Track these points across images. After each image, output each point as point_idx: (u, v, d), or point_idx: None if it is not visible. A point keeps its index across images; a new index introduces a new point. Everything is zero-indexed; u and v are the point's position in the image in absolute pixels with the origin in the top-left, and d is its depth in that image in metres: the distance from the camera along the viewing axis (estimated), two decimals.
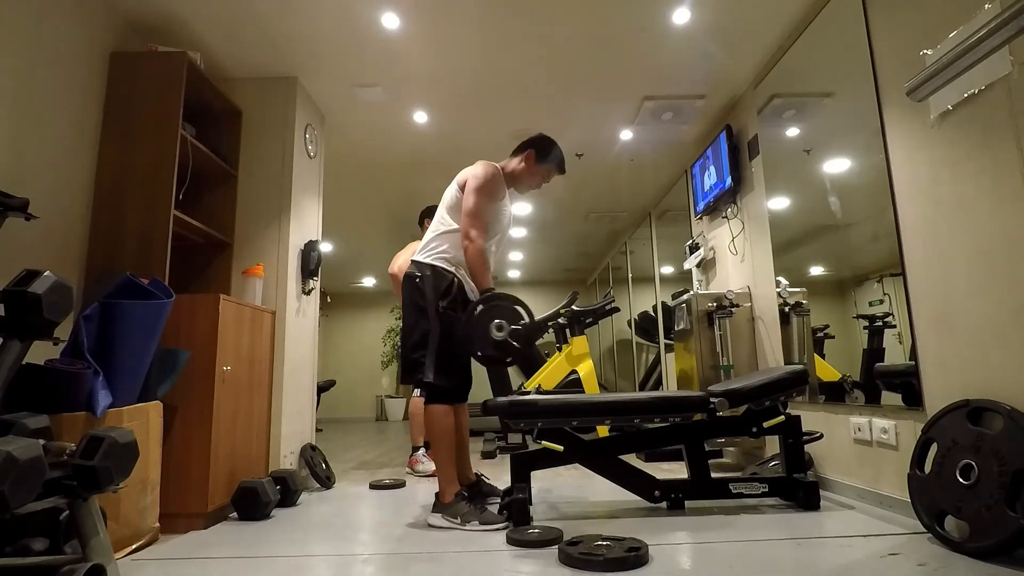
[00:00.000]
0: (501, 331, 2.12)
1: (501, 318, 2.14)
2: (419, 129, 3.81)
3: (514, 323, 2.14)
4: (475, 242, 2.23)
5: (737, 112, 3.46)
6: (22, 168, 2.02)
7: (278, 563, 1.73)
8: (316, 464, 2.97)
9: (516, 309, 2.16)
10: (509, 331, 2.12)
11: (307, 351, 3.18)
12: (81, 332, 1.78)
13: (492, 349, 2.13)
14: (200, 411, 2.21)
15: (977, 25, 1.45)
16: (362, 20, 2.68)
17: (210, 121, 2.92)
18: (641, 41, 2.90)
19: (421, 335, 2.23)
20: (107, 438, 1.39)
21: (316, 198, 3.42)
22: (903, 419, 2.07)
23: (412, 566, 1.66)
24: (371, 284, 9.43)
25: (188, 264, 2.83)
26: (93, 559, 1.37)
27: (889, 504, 2.12)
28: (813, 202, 2.67)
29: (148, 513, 1.94)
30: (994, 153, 1.67)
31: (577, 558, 1.60)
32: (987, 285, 1.71)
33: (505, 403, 2.25)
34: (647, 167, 4.59)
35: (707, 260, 3.92)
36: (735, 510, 2.24)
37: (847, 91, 2.39)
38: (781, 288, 2.94)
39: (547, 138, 2.48)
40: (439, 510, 2.16)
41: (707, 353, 3.31)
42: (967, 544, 1.59)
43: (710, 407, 2.28)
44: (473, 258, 2.24)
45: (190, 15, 2.62)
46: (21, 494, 1.20)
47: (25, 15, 2.04)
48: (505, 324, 2.13)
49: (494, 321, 2.13)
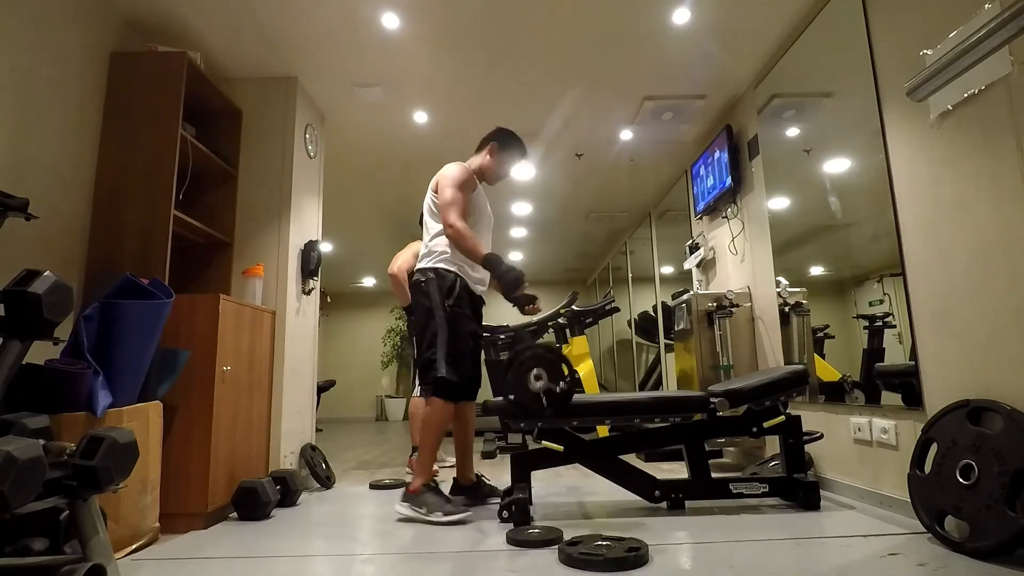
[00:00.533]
0: (539, 380, 2.08)
1: (542, 367, 2.10)
2: (419, 129, 3.81)
3: (553, 380, 2.10)
4: (454, 225, 2.30)
5: (737, 112, 3.46)
6: (22, 168, 2.02)
7: (278, 563, 1.73)
8: (316, 464, 2.97)
9: (560, 366, 2.13)
10: (545, 388, 2.08)
11: (307, 351, 3.18)
12: (81, 332, 1.78)
13: (526, 398, 2.09)
14: (200, 411, 2.21)
15: (977, 25, 1.45)
16: (362, 20, 2.68)
17: (210, 121, 2.92)
18: (641, 41, 2.90)
19: (432, 335, 2.30)
20: (107, 438, 1.39)
21: (316, 198, 3.42)
22: (903, 419, 2.07)
23: (412, 566, 1.66)
24: (371, 284, 9.43)
25: (188, 264, 2.83)
26: (93, 559, 1.37)
27: (889, 504, 2.12)
28: (813, 202, 2.67)
29: (148, 513, 1.94)
30: (994, 153, 1.67)
31: (577, 558, 1.60)
32: (987, 285, 1.71)
33: (505, 403, 2.25)
34: (647, 167, 4.59)
35: (707, 260, 3.92)
36: (735, 510, 2.24)
37: (847, 91, 2.39)
38: (781, 288, 2.94)
39: (505, 129, 2.66)
40: (406, 500, 2.21)
41: (707, 353, 3.31)
42: (967, 544, 1.59)
43: (710, 407, 2.28)
44: (458, 238, 2.30)
45: (190, 15, 2.62)
46: (21, 494, 1.20)
47: (25, 15, 2.04)
48: (544, 376, 2.09)
49: (533, 370, 2.10)
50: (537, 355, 2.12)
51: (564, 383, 2.10)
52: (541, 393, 2.07)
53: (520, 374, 2.09)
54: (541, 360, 2.11)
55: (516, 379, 2.09)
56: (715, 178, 3.64)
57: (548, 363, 2.11)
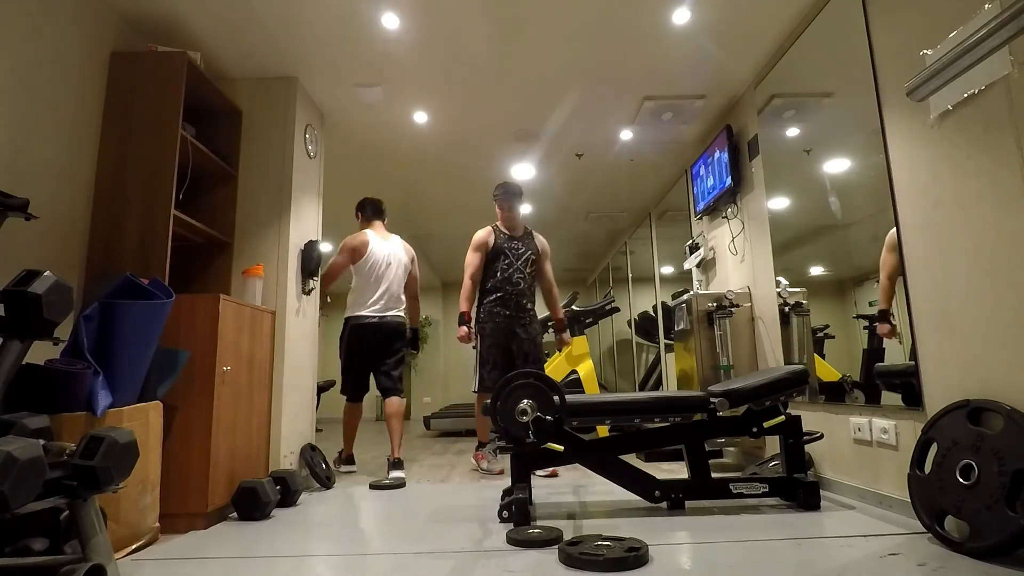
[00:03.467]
0: (525, 416, 2.05)
1: (532, 398, 2.08)
2: (419, 129, 3.81)
3: (543, 410, 2.08)
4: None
5: (737, 112, 3.46)
6: (22, 168, 2.02)
7: (278, 563, 1.73)
8: (316, 464, 2.97)
9: (551, 397, 2.11)
10: (533, 419, 2.06)
11: (307, 351, 3.18)
12: (81, 332, 1.78)
13: (513, 427, 2.07)
14: (200, 411, 2.21)
15: (977, 25, 1.45)
16: (362, 20, 2.68)
17: (210, 121, 2.92)
18: (641, 41, 2.90)
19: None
20: (107, 438, 1.39)
21: (316, 198, 3.42)
22: (903, 419, 2.07)
23: (412, 566, 1.66)
24: None
25: (188, 264, 2.84)
26: (93, 559, 1.37)
27: (889, 504, 2.12)
28: (813, 202, 2.67)
29: (148, 513, 1.94)
30: (994, 153, 1.67)
31: (577, 558, 1.60)
32: (987, 285, 1.71)
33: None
34: (647, 167, 4.59)
35: (707, 260, 3.92)
36: (735, 510, 2.24)
37: (847, 91, 2.39)
38: (781, 288, 2.94)
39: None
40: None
41: (707, 353, 3.31)
42: (967, 544, 1.59)
43: (710, 407, 2.28)
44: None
45: (190, 15, 2.62)
46: (21, 494, 1.20)
47: (25, 15, 2.04)
48: (529, 410, 2.06)
49: (523, 401, 2.07)
50: (527, 384, 2.11)
51: (554, 414, 2.08)
52: (529, 423, 2.06)
53: (509, 404, 2.08)
54: (531, 390, 2.10)
55: (504, 408, 2.09)
56: (715, 178, 3.64)
57: (538, 393, 2.10)
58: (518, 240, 3.48)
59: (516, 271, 3.41)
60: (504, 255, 3.42)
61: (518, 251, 3.45)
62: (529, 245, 3.50)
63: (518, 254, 3.44)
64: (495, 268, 3.41)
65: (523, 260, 3.44)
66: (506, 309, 3.37)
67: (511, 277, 3.39)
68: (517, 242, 3.47)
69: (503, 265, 3.41)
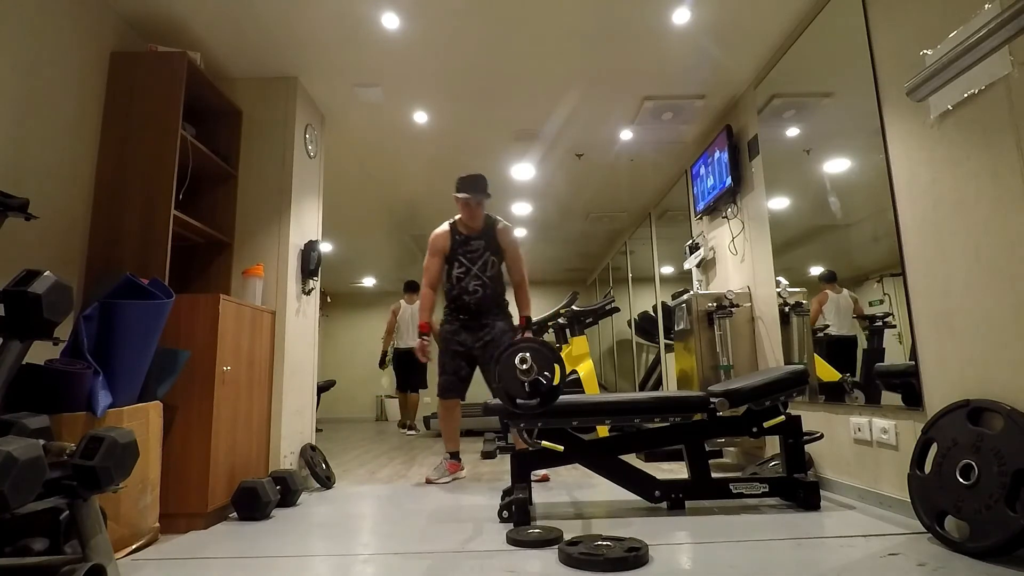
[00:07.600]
0: (525, 365, 2.05)
1: (531, 355, 2.08)
2: (419, 129, 3.81)
3: (541, 370, 2.07)
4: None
5: (737, 112, 3.46)
6: (22, 168, 2.02)
7: (278, 563, 1.73)
8: (316, 464, 2.97)
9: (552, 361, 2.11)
10: (532, 379, 2.06)
11: (307, 351, 3.18)
12: (81, 332, 1.78)
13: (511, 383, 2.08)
14: (200, 411, 2.21)
15: (977, 25, 1.45)
16: (362, 20, 2.68)
17: (210, 121, 2.92)
18: (641, 41, 2.90)
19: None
20: (107, 438, 1.39)
21: (316, 198, 3.42)
22: (903, 419, 2.07)
23: (411, 566, 1.66)
24: (371, 284, 9.43)
25: (188, 264, 2.83)
26: (93, 559, 1.37)
27: (889, 504, 2.12)
28: (813, 202, 2.67)
29: (148, 513, 1.94)
30: (994, 153, 1.67)
31: (577, 558, 1.60)
32: (987, 285, 1.71)
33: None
34: (647, 167, 4.59)
35: (707, 260, 3.92)
36: (735, 510, 2.24)
37: (847, 91, 2.39)
38: (781, 288, 2.94)
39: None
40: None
41: (707, 353, 3.31)
42: (967, 544, 1.59)
43: (710, 407, 2.28)
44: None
45: (190, 15, 2.62)
46: (21, 494, 1.20)
47: (25, 15, 2.04)
48: (532, 364, 2.06)
49: (521, 355, 2.07)
50: (529, 342, 2.12)
51: (550, 378, 2.09)
52: (526, 382, 2.07)
53: (509, 357, 2.09)
54: (531, 348, 2.10)
55: (505, 363, 2.09)
56: (715, 178, 3.64)
57: (538, 353, 2.10)
58: (476, 239, 3.13)
59: (473, 278, 3.10)
60: (458, 262, 3.11)
61: (474, 254, 3.12)
62: (489, 243, 3.14)
63: (474, 257, 3.11)
64: (451, 275, 3.14)
65: (481, 263, 3.11)
66: (467, 318, 3.12)
67: (467, 286, 3.09)
68: (475, 241, 3.13)
69: (457, 274, 3.11)
